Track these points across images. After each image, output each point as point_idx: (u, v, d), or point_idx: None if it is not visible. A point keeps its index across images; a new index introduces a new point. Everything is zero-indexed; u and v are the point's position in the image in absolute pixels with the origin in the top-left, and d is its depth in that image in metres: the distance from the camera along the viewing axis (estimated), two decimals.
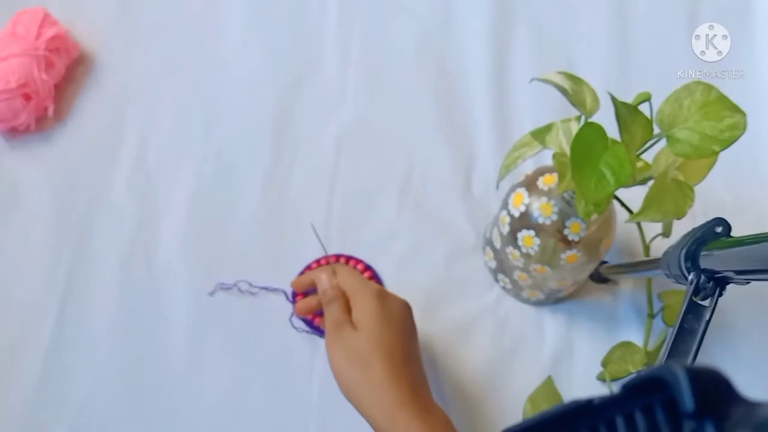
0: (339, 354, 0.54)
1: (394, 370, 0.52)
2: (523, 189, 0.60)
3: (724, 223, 0.48)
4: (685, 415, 0.24)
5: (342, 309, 0.57)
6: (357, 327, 0.55)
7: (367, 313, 0.55)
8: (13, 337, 0.68)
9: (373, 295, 0.56)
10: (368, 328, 0.54)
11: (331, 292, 0.59)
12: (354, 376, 0.53)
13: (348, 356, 0.53)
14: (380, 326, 0.54)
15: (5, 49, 0.73)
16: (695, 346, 0.48)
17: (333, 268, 0.61)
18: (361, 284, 0.58)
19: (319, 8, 0.84)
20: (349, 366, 0.53)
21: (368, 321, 0.55)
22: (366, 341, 0.54)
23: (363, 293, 0.57)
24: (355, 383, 0.53)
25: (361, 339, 0.54)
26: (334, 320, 0.56)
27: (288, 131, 0.78)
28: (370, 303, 0.56)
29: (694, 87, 0.50)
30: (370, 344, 0.53)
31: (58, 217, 0.73)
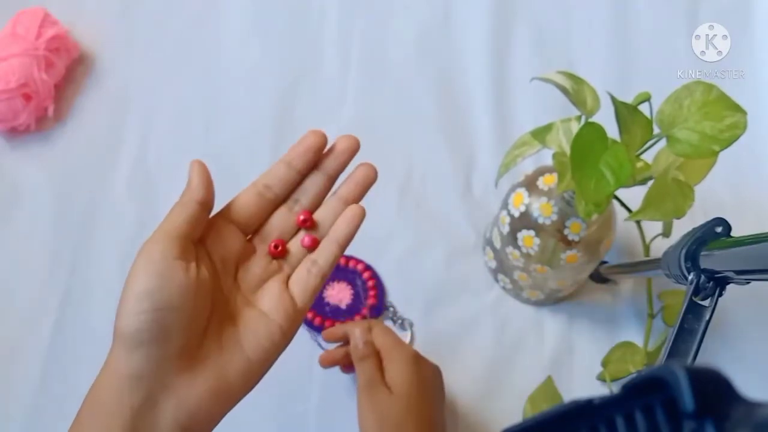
0: (372, 419, 0.53)
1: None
2: (523, 189, 0.60)
3: (724, 223, 0.48)
4: (685, 415, 0.24)
5: (376, 368, 0.56)
6: (391, 390, 0.54)
7: (401, 377, 0.54)
8: (13, 337, 0.68)
9: (409, 358, 0.55)
10: (403, 394, 0.53)
11: (364, 350, 0.57)
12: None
13: (381, 422, 0.53)
14: (415, 393, 0.53)
15: (5, 49, 0.73)
16: (695, 346, 0.48)
17: (368, 324, 0.60)
18: (396, 345, 0.57)
19: (320, 8, 0.84)
20: (379, 424, 0.53)
21: (403, 386, 0.54)
22: (399, 408, 0.53)
23: (399, 355, 0.56)
24: None
25: (395, 405, 0.53)
26: (368, 379, 0.55)
27: (288, 131, 0.78)
28: (405, 366, 0.55)
29: (694, 87, 0.50)
30: (403, 412, 0.52)
31: (58, 217, 0.73)
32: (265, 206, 0.44)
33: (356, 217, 0.45)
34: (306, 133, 0.44)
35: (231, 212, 0.42)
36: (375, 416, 0.53)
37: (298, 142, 0.44)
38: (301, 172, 0.45)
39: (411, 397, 0.53)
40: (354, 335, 0.59)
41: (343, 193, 0.46)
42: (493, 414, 0.65)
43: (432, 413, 0.54)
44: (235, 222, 0.42)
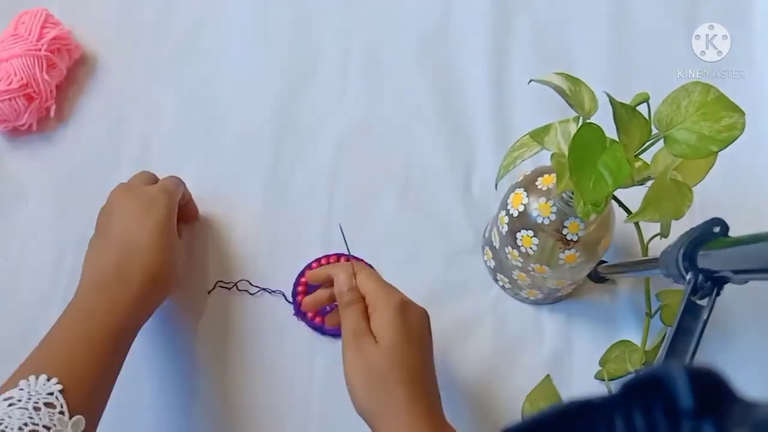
0: (358, 370, 0.52)
1: (415, 393, 0.51)
2: (521, 189, 0.61)
3: (722, 223, 0.48)
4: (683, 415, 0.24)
5: (361, 315, 0.55)
6: (378, 340, 0.53)
7: (388, 327, 0.53)
8: (15, 337, 0.68)
9: (396, 306, 0.54)
10: (389, 345, 0.52)
11: (349, 295, 0.56)
12: (371, 396, 0.51)
13: (368, 375, 0.52)
14: (402, 343, 0.52)
15: (7, 49, 0.73)
16: (693, 346, 0.48)
17: (353, 267, 0.58)
18: (382, 291, 0.55)
19: (320, 8, 0.84)
20: (368, 386, 0.52)
21: (390, 336, 0.52)
22: (387, 360, 0.52)
23: (386, 302, 0.54)
24: (372, 404, 0.51)
25: (380, 356, 0.52)
26: (354, 329, 0.54)
27: (288, 131, 0.78)
28: (391, 315, 0.53)
29: (692, 87, 0.50)
30: (391, 364, 0.51)
31: (60, 217, 0.73)
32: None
33: None
34: None
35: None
36: (360, 368, 0.52)
37: None
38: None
39: (397, 348, 0.52)
40: (338, 280, 0.57)
41: None
42: (491, 412, 0.66)
43: (420, 363, 0.53)
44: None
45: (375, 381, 0.51)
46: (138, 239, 0.59)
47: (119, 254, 0.58)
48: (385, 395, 0.51)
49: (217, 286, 0.70)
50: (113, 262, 0.58)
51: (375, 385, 0.51)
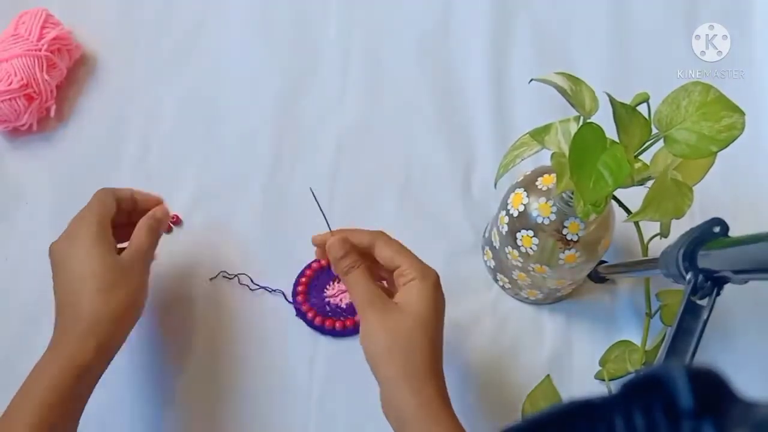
0: (383, 332, 0.51)
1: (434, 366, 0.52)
2: (521, 189, 0.61)
3: (722, 223, 0.48)
4: (683, 415, 0.24)
5: (370, 279, 0.54)
6: (404, 305, 0.52)
7: (425, 298, 0.52)
8: (14, 337, 0.68)
9: (435, 282, 0.54)
10: (423, 315, 0.52)
11: (347, 261, 0.55)
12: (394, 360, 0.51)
13: (394, 338, 0.51)
14: (432, 317, 0.52)
15: (7, 49, 0.73)
16: (693, 346, 0.48)
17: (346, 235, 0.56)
18: (420, 263, 0.55)
19: (320, 8, 0.84)
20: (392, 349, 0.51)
21: (424, 307, 0.52)
22: (417, 328, 0.51)
23: (426, 275, 0.53)
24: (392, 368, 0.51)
25: (412, 323, 0.51)
26: (370, 293, 0.53)
27: (288, 131, 0.78)
28: (431, 288, 0.53)
29: (692, 87, 0.50)
30: (420, 333, 0.51)
31: (60, 217, 0.72)
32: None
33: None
34: None
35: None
36: (386, 330, 0.51)
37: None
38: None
39: (427, 320, 0.52)
40: (330, 249, 0.56)
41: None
42: (492, 413, 0.66)
43: (439, 342, 0.53)
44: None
45: (400, 345, 0.51)
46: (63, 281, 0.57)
47: (58, 297, 0.57)
48: (407, 361, 0.50)
49: (220, 275, 0.70)
50: (58, 303, 0.57)
51: (399, 350, 0.51)
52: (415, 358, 0.51)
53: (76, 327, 0.54)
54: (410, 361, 0.50)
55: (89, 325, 0.54)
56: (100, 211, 0.58)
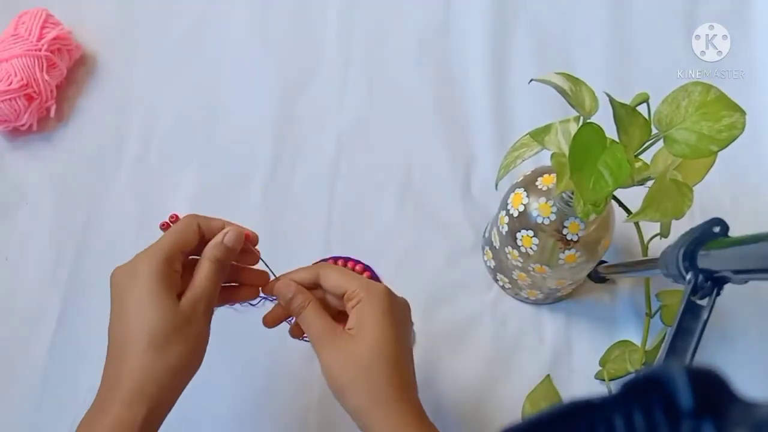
0: (340, 367, 0.50)
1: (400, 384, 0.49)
2: (521, 189, 0.61)
3: (722, 223, 0.48)
4: (683, 415, 0.24)
5: (322, 314, 0.52)
6: (355, 331, 0.50)
7: (376, 319, 0.50)
8: (15, 337, 0.68)
9: (383, 297, 0.51)
10: (375, 338, 0.49)
11: (298, 301, 0.53)
12: (358, 392, 0.49)
13: (353, 370, 0.49)
14: (388, 335, 0.50)
15: (7, 49, 0.73)
16: (693, 346, 0.48)
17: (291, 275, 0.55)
18: (365, 282, 0.52)
19: (320, 8, 0.84)
20: (354, 381, 0.49)
21: (376, 329, 0.50)
22: (373, 353, 0.49)
23: (373, 294, 0.51)
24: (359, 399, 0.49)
25: (366, 350, 0.49)
26: (321, 329, 0.51)
27: (288, 131, 0.78)
28: (379, 306, 0.50)
29: (692, 87, 0.50)
30: (377, 357, 0.49)
31: (60, 216, 0.73)
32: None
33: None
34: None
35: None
36: (343, 365, 0.49)
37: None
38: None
39: (382, 340, 0.49)
40: (279, 294, 0.54)
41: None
42: (492, 412, 0.66)
43: (403, 354, 0.51)
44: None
45: (360, 376, 0.49)
46: (117, 321, 0.48)
47: (110, 338, 0.49)
48: (368, 387, 0.49)
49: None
50: (109, 346, 0.49)
51: (359, 381, 0.49)
52: (378, 385, 0.48)
53: (123, 385, 0.46)
54: (373, 390, 0.48)
55: (138, 384, 0.46)
56: (172, 244, 0.49)
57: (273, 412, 0.66)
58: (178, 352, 0.47)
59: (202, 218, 0.52)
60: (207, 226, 0.52)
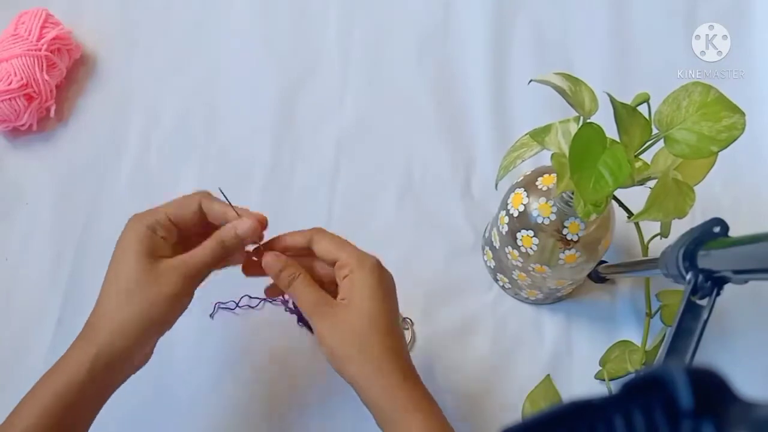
0: (337, 336, 0.51)
1: (393, 351, 0.51)
2: (521, 189, 0.61)
3: (722, 223, 0.48)
4: (683, 414, 0.24)
5: (312, 284, 0.53)
6: (348, 301, 0.51)
7: (368, 289, 0.51)
8: (15, 337, 0.68)
9: (373, 268, 0.52)
10: (368, 307, 0.51)
11: (287, 273, 0.53)
12: (353, 360, 0.50)
13: (347, 339, 0.51)
14: (379, 305, 0.51)
15: (7, 49, 0.73)
16: (693, 346, 0.48)
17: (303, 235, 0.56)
18: (356, 253, 0.53)
19: (320, 8, 0.84)
20: (349, 350, 0.50)
21: (368, 299, 0.51)
22: (366, 322, 0.51)
23: (363, 265, 0.52)
24: (353, 367, 0.50)
25: (360, 320, 0.51)
26: (314, 300, 0.52)
27: (288, 131, 0.78)
28: (370, 277, 0.52)
29: (692, 88, 0.50)
30: (369, 326, 0.51)
31: (60, 216, 0.73)
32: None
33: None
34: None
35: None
36: (339, 334, 0.51)
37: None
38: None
39: (374, 310, 0.51)
40: (268, 267, 0.54)
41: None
42: (492, 412, 0.66)
43: (393, 323, 0.52)
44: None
45: (355, 344, 0.50)
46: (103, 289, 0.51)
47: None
48: (364, 357, 0.50)
49: (218, 308, 0.69)
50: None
51: (355, 348, 0.50)
52: (372, 354, 0.50)
53: (85, 325, 0.50)
54: (369, 360, 0.50)
55: (96, 325, 0.49)
56: (163, 215, 0.52)
57: (272, 412, 0.66)
58: (141, 305, 0.48)
59: (207, 199, 0.54)
60: (208, 208, 0.53)
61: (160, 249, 0.51)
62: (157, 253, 0.50)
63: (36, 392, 0.48)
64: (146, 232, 0.50)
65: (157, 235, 0.51)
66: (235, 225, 0.53)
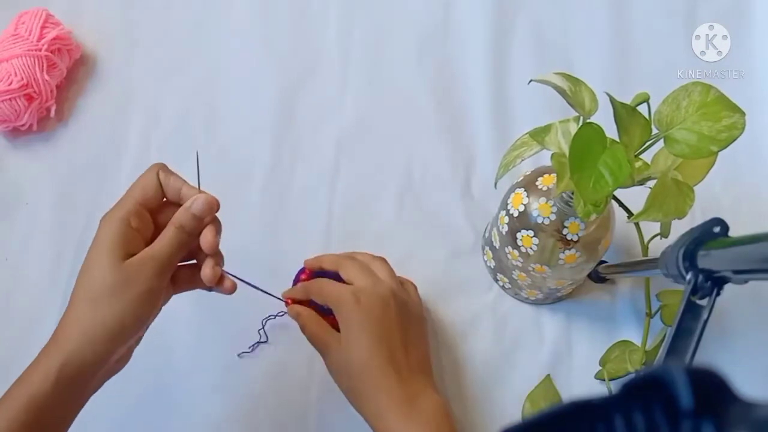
0: (332, 371, 0.58)
1: (375, 378, 0.55)
2: (521, 189, 0.61)
3: (722, 223, 0.48)
4: (683, 414, 0.24)
5: (314, 322, 0.60)
6: (345, 342, 0.57)
7: (345, 326, 0.57)
8: (15, 337, 0.68)
9: (346, 303, 0.57)
10: (347, 343, 0.56)
11: (293, 312, 0.62)
12: (349, 386, 0.57)
13: (338, 372, 0.57)
14: (357, 337, 0.56)
15: (7, 49, 0.73)
16: (693, 346, 0.48)
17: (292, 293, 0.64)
18: (335, 292, 0.59)
19: (320, 8, 0.84)
20: (342, 379, 0.57)
21: (347, 334, 0.57)
22: (346, 356, 0.56)
23: (338, 306, 0.58)
24: (351, 392, 0.57)
25: (342, 354, 0.56)
26: (314, 341, 0.60)
27: (288, 132, 0.78)
28: (346, 315, 0.57)
29: (692, 87, 0.50)
30: (350, 358, 0.56)
31: (60, 217, 0.73)
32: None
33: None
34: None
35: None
36: (333, 370, 0.58)
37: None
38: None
39: (353, 343, 0.56)
40: (290, 315, 0.63)
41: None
42: (492, 412, 0.66)
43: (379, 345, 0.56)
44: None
45: (344, 375, 0.57)
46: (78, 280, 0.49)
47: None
48: (355, 383, 0.56)
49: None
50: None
51: (346, 378, 0.57)
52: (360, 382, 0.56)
53: (54, 334, 0.47)
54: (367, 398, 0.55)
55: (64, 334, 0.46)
56: (132, 202, 0.50)
57: (272, 413, 0.66)
58: (113, 309, 0.46)
59: (164, 171, 0.53)
60: (165, 182, 0.52)
61: (132, 243, 0.49)
62: (129, 250, 0.48)
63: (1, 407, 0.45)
64: (118, 228, 0.48)
65: (131, 228, 0.49)
66: (188, 206, 0.51)
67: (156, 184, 0.52)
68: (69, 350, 0.45)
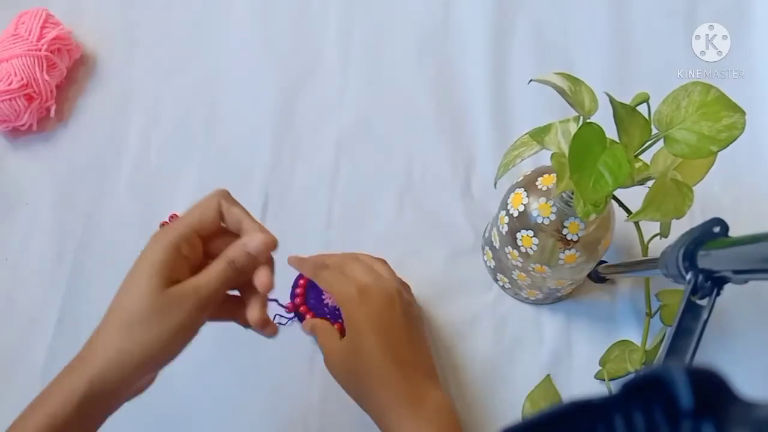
0: (333, 368, 0.59)
1: (381, 373, 0.55)
2: (521, 189, 0.61)
3: (722, 223, 0.48)
4: (683, 414, 0.24)
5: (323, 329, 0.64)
6: (348, 344, 0.57)
7: (349, 322, 0.58)
8: (15, 338, 0.68)
9: (352, 302, 0.58)
10: (348, 339, 0.57)
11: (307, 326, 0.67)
12: (351, 387, 0.57)
13: (338, 370, 0.58)
14: (360, 334, 0.56)
15: (7, 49, 0.73)
16: (693, 345, 0.48)
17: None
18: (341, 290, 0.59)
19: (320, 8, 0.84)
20: (343, 377, 0.58)
21: (350, 331, 0.57)
22: (347, 354, 0.57)
23: (343, 301, 0.59)
24: (354, 388, 0.57)
25: (345, 352, 0.57)
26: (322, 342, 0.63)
27: (289, 131, 0.78)
28: (350, 311, 0.58)
29: (692, 87, 0.50)
30: (351, 356, 0.57)
31: (60, 217, 0.73)
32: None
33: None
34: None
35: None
36: (334, 368, 0.59)
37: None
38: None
39: (355, 340, 0.57)
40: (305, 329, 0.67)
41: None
42: (492, 412, 0.66)
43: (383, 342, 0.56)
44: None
45: (344, 373, 0.58)
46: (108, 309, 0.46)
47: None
48: (355, 381, 0.57)
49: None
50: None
51: (346, 376, 0.58)
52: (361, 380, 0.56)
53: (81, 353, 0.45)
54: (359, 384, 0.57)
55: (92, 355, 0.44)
56: (187, 227, 0.47)
57: (273, 413, 0.66)
58: (147, 337, 0.44)
59: (226, 200, 0.49)
60: (227, 210, 0.49)
61: (178, 270, 0.46)
62: (174, 276, 0.45)
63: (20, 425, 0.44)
64: (167, 252, 0.45)
65: (180, 255, 0.46)
66: (244, 242, 0.47)
67: (215, 212, 0.48)
68: (95, 373, 0.43)
